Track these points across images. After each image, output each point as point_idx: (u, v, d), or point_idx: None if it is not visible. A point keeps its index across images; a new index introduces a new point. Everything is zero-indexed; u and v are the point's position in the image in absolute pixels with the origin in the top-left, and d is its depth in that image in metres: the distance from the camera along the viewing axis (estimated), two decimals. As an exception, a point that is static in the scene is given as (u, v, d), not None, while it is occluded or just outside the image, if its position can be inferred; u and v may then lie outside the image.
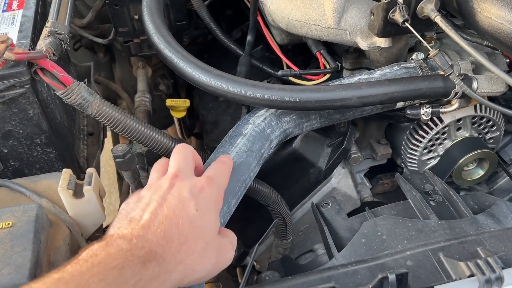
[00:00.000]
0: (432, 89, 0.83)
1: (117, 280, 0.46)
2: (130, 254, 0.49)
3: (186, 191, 0.57)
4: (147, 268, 0.49)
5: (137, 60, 1.31)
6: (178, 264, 0.53)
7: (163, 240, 0.52)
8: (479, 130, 1.05)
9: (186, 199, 0.56)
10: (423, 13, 0.80)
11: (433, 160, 1.07)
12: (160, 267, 0.50)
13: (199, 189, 0.59)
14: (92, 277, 0.45)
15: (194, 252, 0.55)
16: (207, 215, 0.58)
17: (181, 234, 0.54)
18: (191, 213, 0.56)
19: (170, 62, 0.85)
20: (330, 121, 0.93)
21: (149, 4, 0.94)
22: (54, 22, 0.76)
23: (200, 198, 0.58)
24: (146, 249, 0.50)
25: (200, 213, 0.56)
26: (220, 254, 0.59)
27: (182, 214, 0.55)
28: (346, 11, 0.88)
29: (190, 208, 0.56)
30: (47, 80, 0.72)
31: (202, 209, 0.57)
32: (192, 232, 0.55)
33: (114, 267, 0.47)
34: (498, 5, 0.74)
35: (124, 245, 0.49)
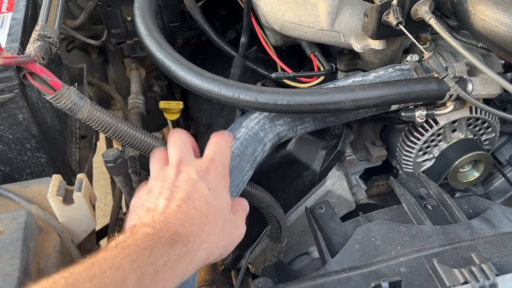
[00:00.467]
0: (426, 92, 0.82)
1: (148, 260, 0.48)
2: (157, 236, 0.50)
3: (194, 174, 0.59)
4: (174, 248, 0.51)
5: (131, 62, 1.30)
6: (203, 243, 0.55)
7: (185, 222, 0.54)
8: (475, 132, 1.05)
9: (196, 181, 0.58)
10: (417, 15, 0.79)
11: (428, 162, 1.07)
12: (186, 247, 0.52)
13: (205, 170, 0.60)
14: (124, 258, 0.47)
15: (215, 230, 0.57)
16: (220, 193, 0.60)
17: (201, 215, 0.55)
18: (205, 193, 0.57)
19: (161, 65, 0.84)
20: (324, 124, 0.92)
21: (141, 6, 0.93)
22: (44, 26, 0.75)
23: (208, 178, 0.59)
24: (170, 232, 0.52)
25: (213, 193, 0.58)
26: (236, 229, 0.62)
27: (197, 196, 0.57)
28: (340, 13, 0.87)
29: (202, 189, 0.58)
30: (36, 84, 0.71)
31: (214, 188, 0.59)
32: (211, 211, 0.57)
33: (144, 248, 0.48)
34: (492, 7, 0.73)
35: (149, 230, 0.51)
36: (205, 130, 1.20)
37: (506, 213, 0.69)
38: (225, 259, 1.14)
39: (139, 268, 0.47)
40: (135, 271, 0.46)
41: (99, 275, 0.44)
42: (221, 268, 1.20)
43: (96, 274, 0.44)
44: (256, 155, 0.82)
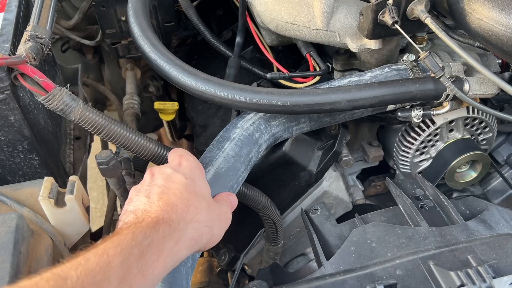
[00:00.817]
0: (422, 92, 0.81)
1: (131, 243, 0.49)
2: (138, 223, 0.53)
3: (168, 169, 0.62)
4: (157, 229, 0.52)
5: (126, 62, 1.29)
6: (190, 222, 0.57)
7: (167, 207, 0.56)
8: (472, 132, 1.04)
9: (171, 174, 0.61)
10: (413, 14, 0.78)
11: (425, 162, 1.06)
12: (170, 227, 0.54)
13: (177, 164, 0.64)
14: (107, 245, 0.48)
15: (201, 210, 0.59)
16: (197, 180, 0.62)
17: (183, 198, 0.57)
18: (183, 181, 0.60)
19: (155, 66, 0.84)
20: (320, 124, 0.91)
21: (134, 6, 0.92)
22: (35, 26, 0.74)
23: (182, 169, 0.63)
24: (152, 217, 0.54)
25: (190, 180, 0.61)
26: (223, 213, 0.64)
27: (175, 185, 0.59)
28: (335, 13, 0.86)
29: (179, 178, 0.60)
30: (27, 85, 0.70)
31: (190, 176, 0.61)
32: (192, 195, 0.59)
33: (126, 234, 0.50)
34: (489, 7, 0.72)
35: (131, 222, 0.53)
36: (200, 131, 1.19)
37: (503, 214, 0.68)
38: (221, 260, 1.14)
39: (123, 251, 0.48)
40: (119, 254, 0.47)
41: (83, 263, 0.45)
42: (217, 270, 1.19)
43: (80, 262, 0.45)
44: (251, 156, 0.82)
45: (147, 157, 0.81)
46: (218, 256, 1.14)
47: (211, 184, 0.73)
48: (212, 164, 0.76)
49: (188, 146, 1.55)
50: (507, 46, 0.71)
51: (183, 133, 1.46)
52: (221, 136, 0.82)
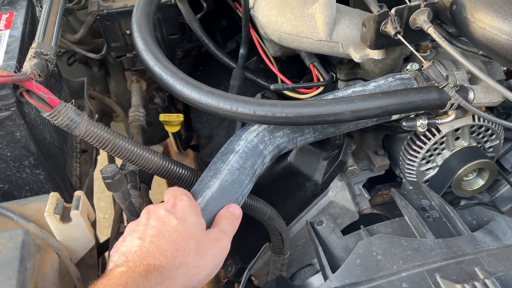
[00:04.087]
0: (427, 101, 0.81)
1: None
2: (131, 272, 0.54)
3: (162, 211, 0.64)
4: (149, 278, 0.54)
5: (131, 74, 1.30)
6: (179, 267, 0.58)
7: (157, 253, 0.57)
8: (478, 139, 1.03)
9: (164, 216, 0.63)
10: (416, 24, 0.78)
11: (432, 171, 1.05)
12: (161, 275, 0.55)
13: (172, 205, 0.65)
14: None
15: (189, 251, 0.60)
16: (188, 219, 0.64)
17: (171, 243, 0.59)
18: (173, 223, 0.62)
19: (159, 79, 0.84)
20: (324, 135, 0.91)
21: (138, 20, 0.93)
22: (40, 43, 0.75)
23: (175, 210, 0.64)
24: (144, 265, 0.55)
25: (181, 221, 0.62)
26: (215, 245, 0.64)
27: (166, 228, 0.61)
28: (338, 24, 0.87)
29: (170, 220, 0.62)
30: (33, 102, 0.71)
31: (181, 216, 0.63)
32: (180, 237, 0.60)
33: (119, 284, 0.52)
34: (492, 15, 0.72)
35: (123, 269, 0.55)
36: (206, 142, 1.19)
37: (510, 225, 0.68)
38: (228, 272, 1.14)
39: None
40: None
41: None
42: (224, 281, 1.19)
43: None
44: (255, 168, 0.82)
45: (152, 170, 0.81)
46: (224, 268, 1.14)
47: (215, 197, 0.74)
48: (216, 177, 0.76)
49: (194, 156, 1.55)
50: (511, 54, 0.71)
51: (188, 144, 1.47)
52: (226, 148, 0.82)
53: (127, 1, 1.11)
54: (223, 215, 0.70)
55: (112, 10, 1.09)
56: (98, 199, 2.50)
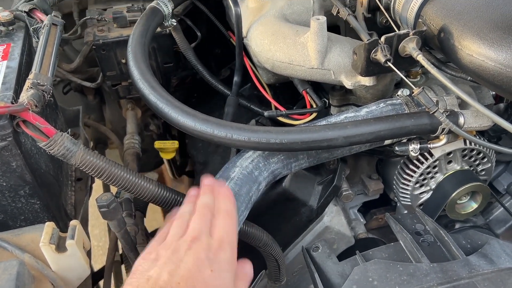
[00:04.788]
0: (418, 127, 0.82)
1: None
2: None
3: (202, 254, 0.60)
4: None
5: (126, 102, 1.31)
6: None
7: None
8: (470, 163, 1.05)
9: (201, 261, 0.59)
10: (405, 51, 0.80)
11: (425, 194, 1.06)
12: None
13: (214, 253, 0.61)
14: None
15: None
16: (222, 275, 0.60)
17: None
18: (206, 274, 0.58)
19: (155, 108, 0.85)
20: (318, 160, 0.92)
21: (134, 50, 0.94)
22: (37, 74, 0.76)
23: (215, 261, 0.60)
24: None
25: (215, 274, 0.59)
26: None
27: (198, 276, 0.57)
28: (329, 51, 0.89)
29: (205, 269, 0.58)
30: (29, 132, 0.71)
31: (217, 269, 0.60)
32: None
33: None
34: (478, 42, 0.74)
35: None
36: (201, 168, 1.20)
37: (504, 248, 0.68)
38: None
39: None
40: None
41: None
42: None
43: None
44: (251, 195, 0.82)
45: (147, 198, 0.81)
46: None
47: None
48: (212, 204, 0.76)
49: (189, 182, 1.55)
50: (498, 80, 0.73)
51: (183, 170, 1.47)
52: (221, 175, 0.83)
53: (122, 31, 1.13)
54: (246, 275, 0.68)
55: (107, 40, 1.11)
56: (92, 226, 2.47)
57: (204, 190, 0.73)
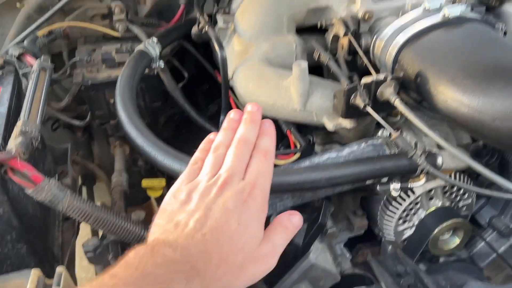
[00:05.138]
0: (398, 168, 0.85)
1: None
2: (176, 267, 0.50)
3: (231, 203, 0.57)
4: (190, 284, 0.50)
5: (115, 139, 1.33)
6: (217, 281, 0.54)
7: (204, 256, 0.53)
8: (451, 199, 1.07)
9: (230, 212, 0.57)
10: (383, 97, 0.83)
11: (409, 230, 1.08)
12: (201, 284, 0.51)
13: (244, 201, 0.58)
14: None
15: (232, 269, 0.55)
16: (249, 228, 0.58)
17: (221, 251, 0.55)
18: (233, 227, 0.56)
19: (142, 151, 0.87)
20: (303, 200, 0.94)
21: (121, 92, 0.97)
22: (25, 121, 0.78)
23: (243, 211, 0.58)
24: (190, 264, 0.51)
25: (241, 227, 0.57)
26: (260, 264, 0.58)
27: (224, 229, 0.56)
28: (311, 95, 0.92)
29: (232, 222, 0.56)
30: (17, 180, 0.73)
31: (244, 223, 0.57)
32: (231, 248, 0.55)
33: (163, 281, 0.48)
34: (452, 89, 0.78)
35: (170, 254, 0.51)
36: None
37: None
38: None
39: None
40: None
41: None
42: None
43: None
44: (236, 236, 0.83)
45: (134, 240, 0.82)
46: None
47: None
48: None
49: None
50: (472, 125, 0.76)
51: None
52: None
53: (111, 71, 1.15)
54: (282, 223, 0.63)
55: (96, 81, 1.13)
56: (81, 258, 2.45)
57: (246, 119, 0.68)
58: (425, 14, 0.91)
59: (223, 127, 0.69)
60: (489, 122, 0.73)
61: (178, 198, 0.59)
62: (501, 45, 0.83)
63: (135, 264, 0.49)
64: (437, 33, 0.87)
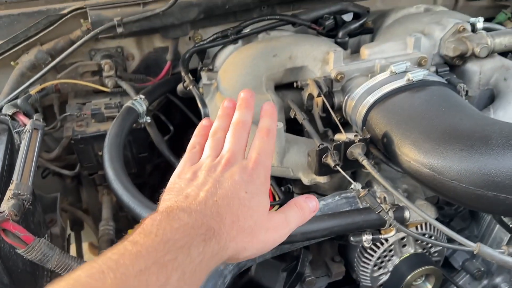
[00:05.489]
0: (367, 222, 0.91)
1: (187, 259, 0.49)
2: (194, 231, 0.52)
3: (238, 176, 0.61)
4: (208, 246, 0.52)
5: (102, 188, 1.38)
6: (231, 241, 0.56)
7: (217, 217, 0.56)
8: (423, 246, 1.13)
9: (237, 183, 0.60)
10: (352, 156, 0.90)
11: (384, 276, 1.13)
12: (218, 245, 0.54)
13: (248, 174, 0.62)
14: (167, 255, 0.48)
15: (244, 230, 0.58)
16: (255, 197, 0.61)
17: (233, 213, 0.57)
18: (241, 195, 0.60)
19: (127, 208, 0.92)
20: (281, 251, 0.99)
21: (109, 149, 1.03)
22: (18, 184, 0.83)
23: (249, 182, 0.61)
24: (205, 226, 0.53)
25: (249, 195, 0.60)
26: (271, 232, 0.62)
27: (234, 196, 0.59)
28: (288, 152, 0.98)
29: (240, 191, 0.60)
30: (9, 241, 0.77)
31: (251, 192, 0.61)
32: (242, 212, 0.58)
33: (183, 246, 0.50)
34: (414, 151, 0.84)
35: (185, 218, 0.53)
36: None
37: None
38: None
39: (180, 267, 0.48)
40: (176, 269, 0.48)
41: (144, 270, 0.45)
42: None
43: (141, 269, 0.45)
44: (216, 289, 0.88)
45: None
46: None
47: None
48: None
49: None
50: (432, 184, 0.82)
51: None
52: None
53: (100, 125, 1.21)
54: (298, 203, 0.67)
55: (86, 135, 1.19)
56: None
57: (241, 105, 0.72)
58: (391, 77, 0.99)
59: (218, 114, 0.73)
60: (447, 182, 0.79)
61: (184, 177, 0.62)
62: (459, 108, 0.90)
63: (154, 231, 0.50)
64: (402, 96, 0.95)
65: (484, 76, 1.14)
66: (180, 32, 1.30)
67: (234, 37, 1.21)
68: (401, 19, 1.27)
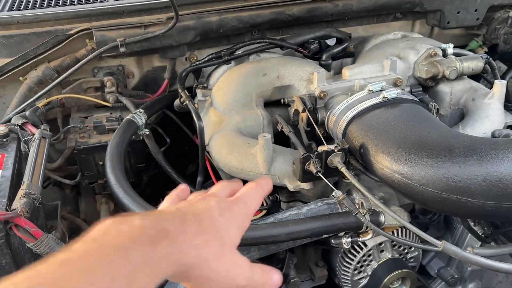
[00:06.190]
0: (346, 224, 1.00)
1: (123, 262, 0.44)
2: (140, 232, 0.47)
3: (214, 202, 0.58)
4: (155, 248, 0.47)
5: (101, 197, 1.46)
6: (193, 249, 0.51)
7: (179, 223, 0.51)
8: (400, 251, 1.22)
9: (212, 206, 0.57)
10: (332, 164, 0.99)
11: (364, 280, 1.22)
12: (171, 245, 0.48)
13: (227, 205, 0.59)
14: (98, 259, 0.43)
15: (210, 246, 0.53)
16: (229, 225, 0.57)
17: (200, 225, 0.53)
18: (215, 216, 0.56)
19: (128, 210, 1.00)
20: (268, 252, 1.07)
21: (111, 158, 1.11)
22: (29, 184, 0.91)
23: (226, 210, 0.58)
24: (158, 228, 0.48)
25: (223, 219, 0.56)
26: (235, 267, 0.55)
27: (205, 213, 0.55)
28: (275, 161, 1.08)
29: (214, 213, 0.56)
30: (20, 235, 0.85)
31: (226, 217, 0.57)
32: (211, 229, 0.54)
33: (119, 248, 0.44)
34: (387, 159, 0.94)
35: (136, 221, 0.47)
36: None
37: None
38: None
39: (114, 271, 0.42)
40: (106, 275, 0.42)
41: (65, 279, 0.40)
42: None
43: (58, 277, 0.40)
44: None
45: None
46: None
47: None
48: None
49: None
50: (403, 189, 0.92)
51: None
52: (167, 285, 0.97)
53: (101, 137, 1.30)
54: (265, 269, 0.60)
55: (88, 146, 1.28)
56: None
57: (251, 185, 0.67)
58: (369, 95, 1.10)
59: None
60: (416, 187, 0.89)
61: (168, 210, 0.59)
62: (428, 123, 1.01)
63: (96, 236, 0.45)
64: (377, 111, 1.05)
65: (455, 96, 1.26)
66: (178, 53, 1.41)
67: (227, 58, 1.32)
68: (379, 44, 1.39)
